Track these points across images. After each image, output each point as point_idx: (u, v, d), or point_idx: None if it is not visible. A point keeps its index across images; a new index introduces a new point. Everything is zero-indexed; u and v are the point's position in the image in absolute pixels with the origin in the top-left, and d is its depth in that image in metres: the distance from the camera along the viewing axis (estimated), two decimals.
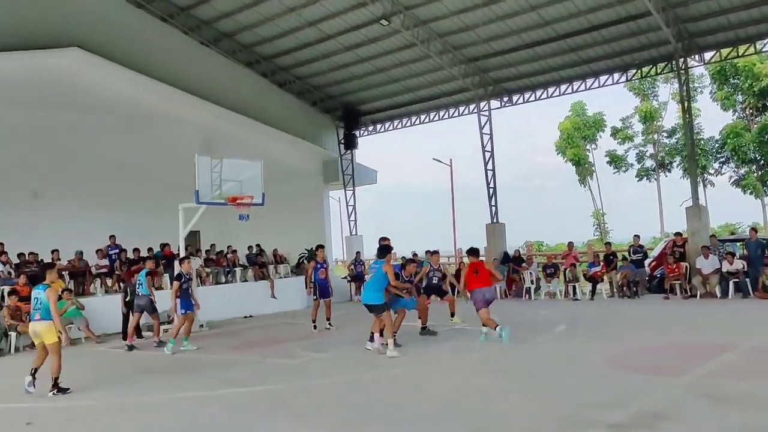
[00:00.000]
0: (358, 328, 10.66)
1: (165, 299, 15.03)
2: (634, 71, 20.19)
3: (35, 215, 18.38)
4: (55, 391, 8.31)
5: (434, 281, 13.03)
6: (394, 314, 10.36)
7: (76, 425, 6.80)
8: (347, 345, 11.08)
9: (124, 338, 13.46)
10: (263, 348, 11.60)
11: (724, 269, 15.87)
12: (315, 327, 13.18)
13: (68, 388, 8.40)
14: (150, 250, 17.26)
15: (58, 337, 8.36)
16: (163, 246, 17.55)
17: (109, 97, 17.28)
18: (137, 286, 12.86)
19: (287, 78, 22.59)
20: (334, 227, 26.72)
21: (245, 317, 17.22)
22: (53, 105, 16.71)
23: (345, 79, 22.54)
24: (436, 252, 13.82)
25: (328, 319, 13.50)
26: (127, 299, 13.69)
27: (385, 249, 10.60)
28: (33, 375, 8.43)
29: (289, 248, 22.52)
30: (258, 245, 20.84)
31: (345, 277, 22.06)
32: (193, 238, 20.35)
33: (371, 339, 10.44)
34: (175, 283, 11.96)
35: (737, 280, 15.59)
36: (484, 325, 10.64)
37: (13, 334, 12.83)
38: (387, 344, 9.89)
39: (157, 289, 16.11)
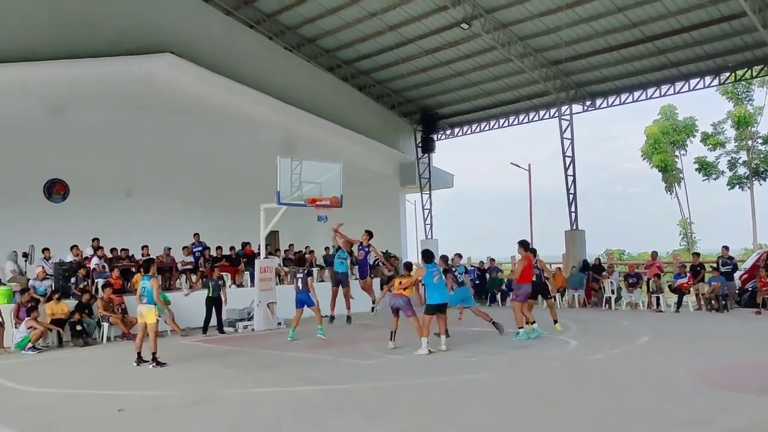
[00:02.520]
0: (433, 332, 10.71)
1: (244, 296, 15.62)
2: (728, 74, 19.27)
3: (128, 213, 19.42)
4: (155, 364, 9.88)
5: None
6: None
7: (162, 414, 7.13)
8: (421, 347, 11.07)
9: (205, 332, 14.09)
10: (338, 347, 11.76)
11: None
12: (373, 309, 13.77)
13: (165, 363, 9.93)
14: (232, 248, 17.90)
15: (156, 320, 10.05)
16: (244, 245, 18.14)
17: (196, 100, 18.07)
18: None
19: (367, 82, 22.88)
20: (409, 231, 26.85)
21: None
22: (145, 108, 17.62)
23: (423, 83, 22.61)
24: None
25: (373, 302, 13.97)
26: (209, 295, 14.27)
27: (431, 254, 11.44)
28: (138, 355, 10.09)
29: None
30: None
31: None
32: (272, 237, 20.90)
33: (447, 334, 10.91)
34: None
35: None
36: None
37: (105, 325, 13.54)
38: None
39: (238, 286, 16.78)
